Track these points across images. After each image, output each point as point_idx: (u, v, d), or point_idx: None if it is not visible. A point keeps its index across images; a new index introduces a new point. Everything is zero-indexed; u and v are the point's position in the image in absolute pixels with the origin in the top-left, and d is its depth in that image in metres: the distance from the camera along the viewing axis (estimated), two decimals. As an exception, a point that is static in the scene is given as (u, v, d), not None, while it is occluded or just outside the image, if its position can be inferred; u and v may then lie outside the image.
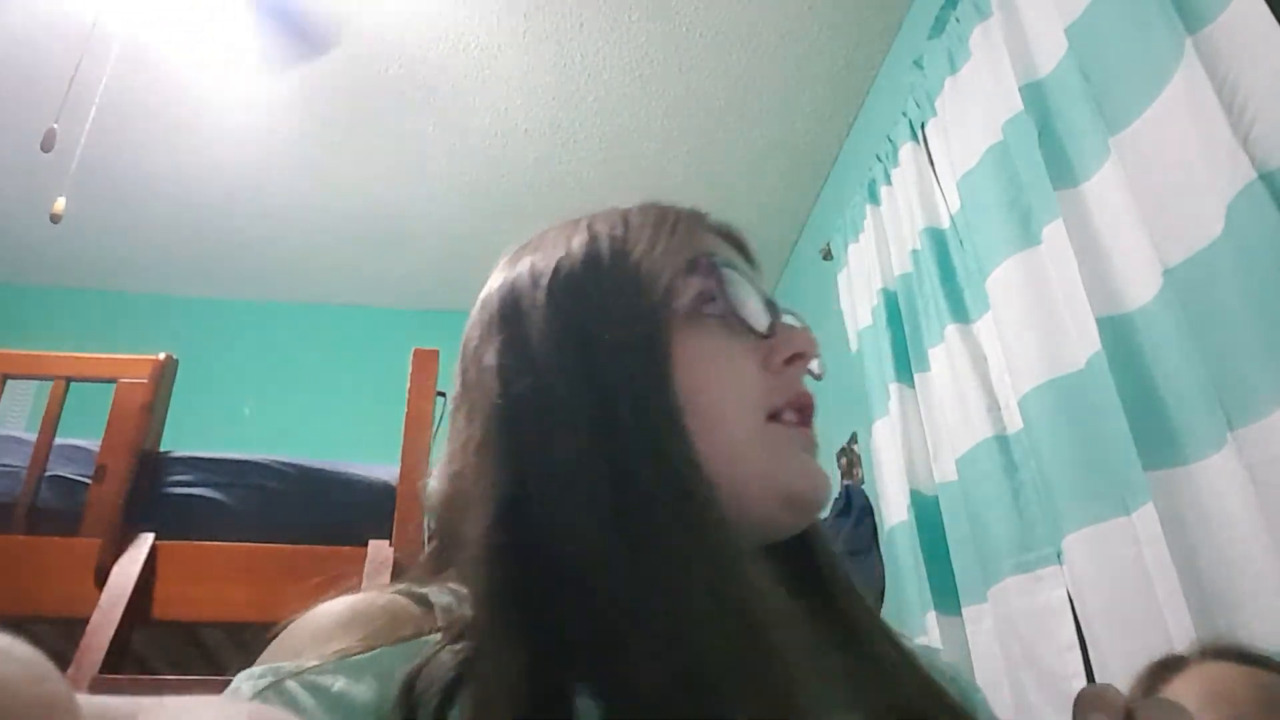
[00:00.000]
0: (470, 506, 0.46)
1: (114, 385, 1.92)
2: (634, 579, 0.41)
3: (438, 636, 0.41)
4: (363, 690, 0.38)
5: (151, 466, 1.86)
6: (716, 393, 0.49)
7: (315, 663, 0.39)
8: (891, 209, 2.38)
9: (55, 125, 2.04)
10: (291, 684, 0.38)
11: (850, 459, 2.70)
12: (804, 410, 0.52)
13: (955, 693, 0.51)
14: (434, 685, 0.37)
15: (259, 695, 0.38)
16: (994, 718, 0.55)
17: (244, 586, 1.71)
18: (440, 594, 0.45)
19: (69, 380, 1.92)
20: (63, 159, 2.36)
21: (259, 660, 0.42)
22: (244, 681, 0.39)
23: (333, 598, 0.46)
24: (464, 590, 0.45)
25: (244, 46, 2.50)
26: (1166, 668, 0.99)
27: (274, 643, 0.43)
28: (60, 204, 2.14)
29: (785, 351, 0.52)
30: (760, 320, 0.52)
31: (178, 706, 0.21)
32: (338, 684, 0.38)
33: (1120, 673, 1.36)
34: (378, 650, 0.40)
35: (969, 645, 1.81)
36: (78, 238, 3.19)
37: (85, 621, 1.58)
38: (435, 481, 0.52)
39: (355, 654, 0.39)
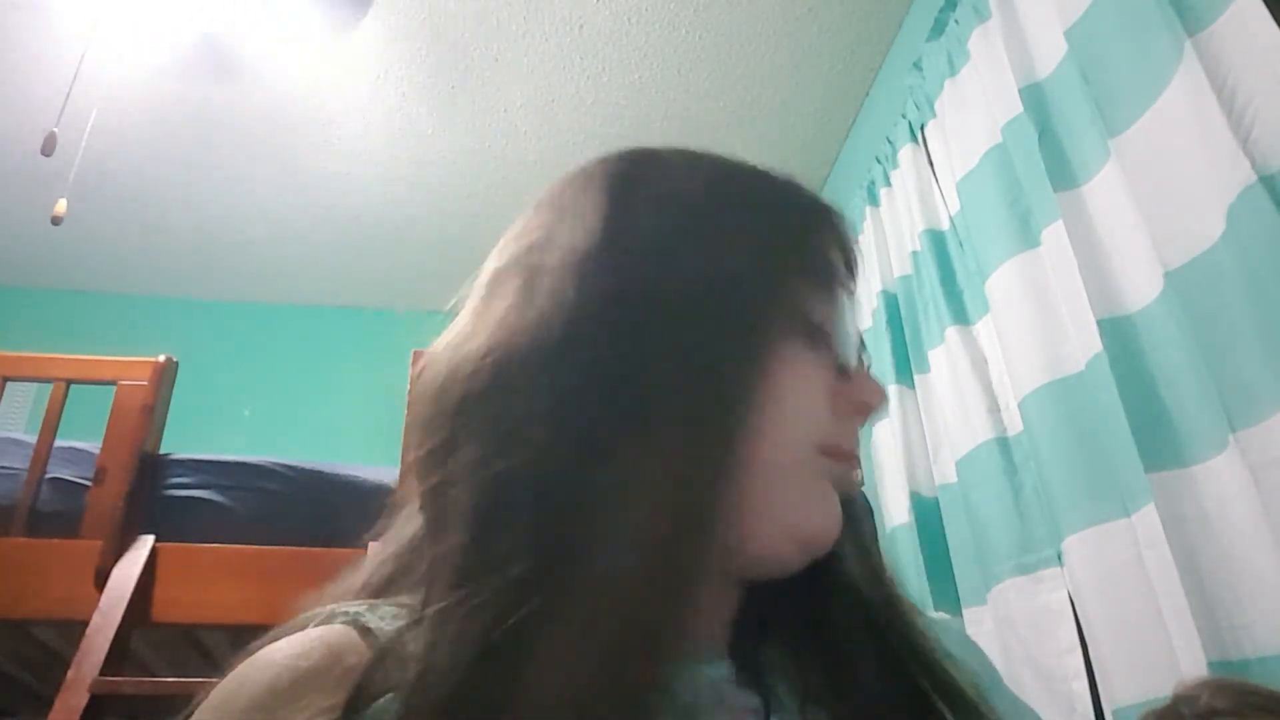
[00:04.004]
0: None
1: (114, 387, 1.92)
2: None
3: (388, 698, 0.36)
4: None
5: (151, 469, 1.86)
6: (789, 409, 0.45)
7: None
8: (891, 211, 2.38)
9: (55, 129, 2.04)
10: None
11: (850, 460, 2.70)
12: (851, 459, 0.49)
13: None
14: None
15: None
16: (1012, 696, 0.53)
17: (244, 589, 1.70)
18: (392, 621, 0.41)
19: (69, 382, 1.92)
20: (64, 162, 2.36)
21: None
22: None
23: (275, 639, 0.41)
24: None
25: (240, 49, 2.50)
26: None
27: (209, 702, 0.39)
28: (62, 205, 2.14)
29: (858, 401, 0.49)
30: (850, 359, 0.49)
31: None
32: None
33: (1121, 676, 1.36)
34: None
35: (969, 647, 1.81)
36: (78, 240, 3.20)
37: (85, 624, 1.58)
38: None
39: None
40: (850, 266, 0.51)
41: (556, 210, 0.48)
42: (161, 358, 1.97)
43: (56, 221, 2.13)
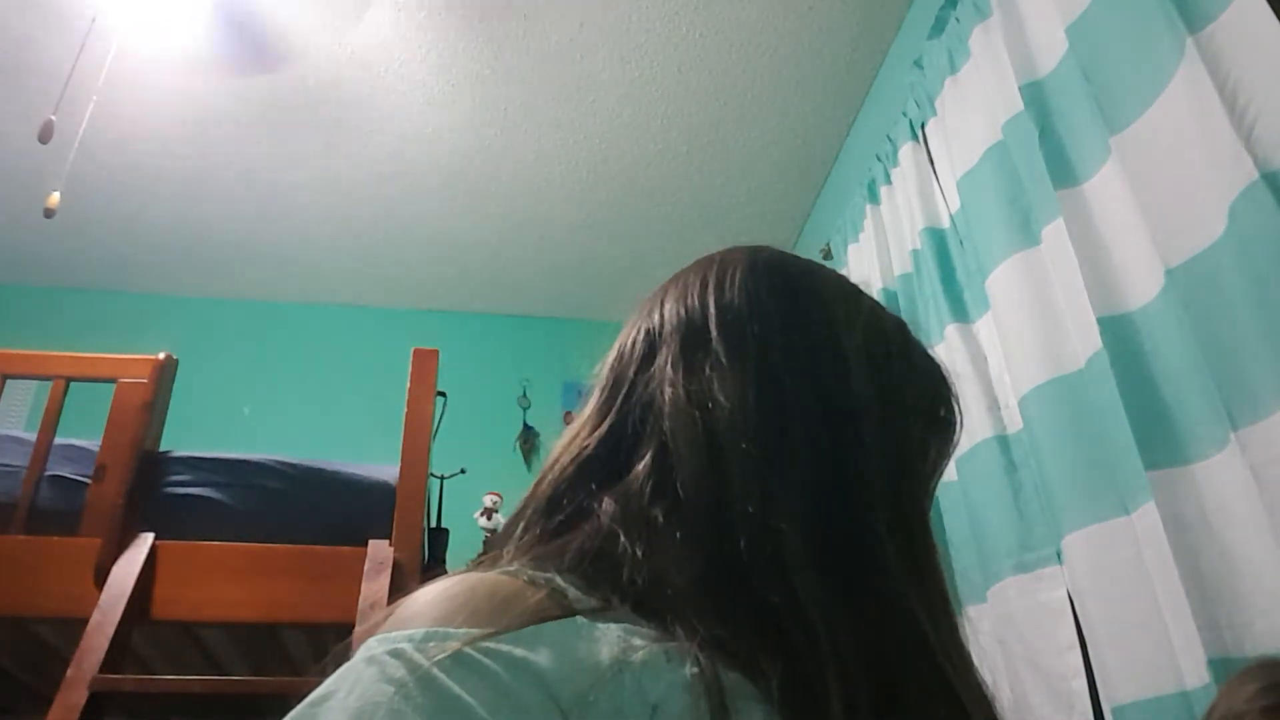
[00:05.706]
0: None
1: (114, 385, 1.92)
2: None
3: (583, 619, 0.40)
4: (543, 659, 0.37)
5: (151, 466, 1.86)
6: None
7: (482, 630, 0.38)
8: (891, 209, 2.38)
9: (53, 117, 2.03)
10: (471, 652, 0.37)
11: (850, 459, 2.70)
12: None
13: None
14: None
15: (438, 664, 0.36)
16: None
17: (244, 586, 1.70)
18: (554, 578, 0.44)
19: (69, 380, 1.92)
20: (61, 157, 2.36)
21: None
22: (400, 643, 0.38)
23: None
24: (574, 579, 0.44)
25: (239, 46, 2.49)
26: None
27: (389, 621, 0.41)
28: (54, 198, 2.13)
29: None
30: None
31: None
32: (518, 651, 0.37)
33: (1120, 674, 1.36)
34: (540, 625, 0.39)
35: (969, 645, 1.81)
36: (77, 238, 3.20)
37: (85, 621, 1.58)
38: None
39: (512, 628, 0.39)
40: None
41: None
42: (161, 355, 1.97)
43: (49, 214, 2.11)
